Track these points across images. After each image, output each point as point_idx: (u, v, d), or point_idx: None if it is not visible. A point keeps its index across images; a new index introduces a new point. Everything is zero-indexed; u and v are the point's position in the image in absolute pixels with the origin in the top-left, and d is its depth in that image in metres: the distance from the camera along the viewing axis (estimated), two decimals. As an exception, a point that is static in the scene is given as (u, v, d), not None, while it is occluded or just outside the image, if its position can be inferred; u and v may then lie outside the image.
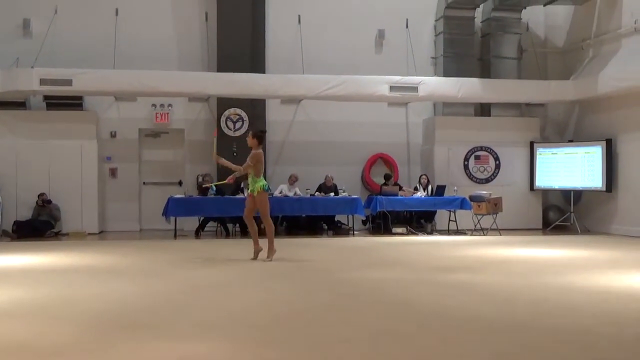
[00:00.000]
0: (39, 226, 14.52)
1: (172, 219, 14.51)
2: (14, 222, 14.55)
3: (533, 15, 17.46)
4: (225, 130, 15.81)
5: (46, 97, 15.25)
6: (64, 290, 7.56)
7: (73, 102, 15.42)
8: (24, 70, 14.44)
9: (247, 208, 10.42)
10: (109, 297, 7.12)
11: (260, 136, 10.30)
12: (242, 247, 12.50)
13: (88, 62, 15.00)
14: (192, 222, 15.08)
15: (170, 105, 16.21)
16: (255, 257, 10.21)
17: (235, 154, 15.49)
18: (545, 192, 17.00)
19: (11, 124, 15.15)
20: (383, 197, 15.10)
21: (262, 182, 10.24)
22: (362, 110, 16.60)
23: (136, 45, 15.81)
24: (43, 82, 14.26)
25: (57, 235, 14.67)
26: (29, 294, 7.23)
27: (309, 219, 15.53)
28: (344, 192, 15.38)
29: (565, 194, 16.59)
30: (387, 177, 16.04)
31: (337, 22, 16.79)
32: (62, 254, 11.09)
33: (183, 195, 14.84)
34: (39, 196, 14.70)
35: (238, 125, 15.88)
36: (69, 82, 14.34)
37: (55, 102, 15.32)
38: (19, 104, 15.36)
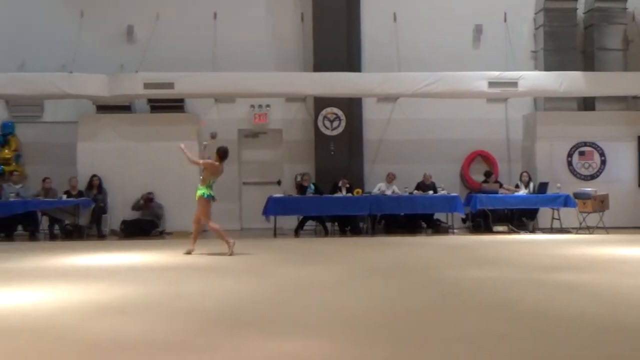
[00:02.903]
0: (144, 226, 15.05)
1: (272, 218, 14.78)
2: (122, 221, 15.16)
3: (640, 4, 16.83)
4: (323, 129, 15.97)
5: (150, 101, 15.83)
6: (171, 287, 7.83)
7: (175, 105, 15.93)
8: (129, 75, 15.01)
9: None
10: (214, 294, 7.33)
11: (221, 154, 11.34)
12: (341, 246, 12.65)
13: (188, 65, 15.43)
14: (291, 221, 15.29)
15: (268, 105, 16.48)
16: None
17: (332, 153, 15.69)
18: (655, 189, 16.36)
19: (118, 127, 15.79)
20: (483, 194, 14.92)
21: (202, 190, 11.18)
22: (460, 107, 16.37)
23: (234, 48, 16.15)
24: (147, 85, 14.77)
25: (162, 234, 15.16)
26: (138, 291, 7.53)
27: (407, 218, 15.45)
28: (442, 190, 15.26)
29: (677, 190, 15.92)
30: (487, 175, 15.82)
31: (433, 18, 16.63)
32: (168, 252, 11.48)
33: (282, 195, 15.07)
34: (143, 195, 15.24)
35: (335, 124, 15.99)
36: (171, 86, 14.81)
37: (158, 105, 15.88)
38: (125, 108, 16.00)
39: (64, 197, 14.69)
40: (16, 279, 8.39)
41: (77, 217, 14.64)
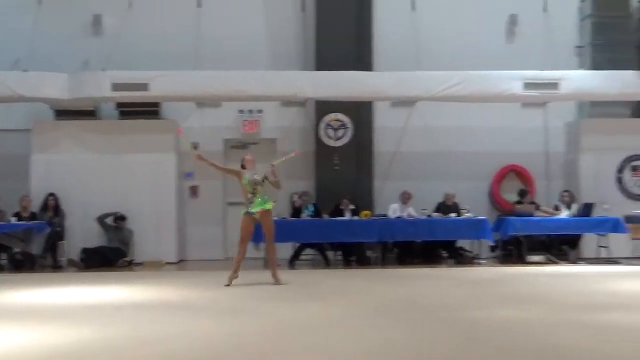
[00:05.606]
0: (110, 254, 14.95)
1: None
2: (82, 249, 15.07)
3: None
4: (325, 139, 15.96)
5: (119, 105, 15.79)
6: (139, 329, 7.74)
7: (149, 110, 15.90)
8: (94, 74, 15.01)
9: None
10: (191, 338, 7.24)
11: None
12: (345, 279, 12.57)
13: (167, 63, 15.43)
14: (286, 250, 15.20)
15: (260, 111, 16.48)
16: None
17: (336, 167, 15.60)
18: None
19: (79, 136, 15.76)
20: (516, 218, 14.88)
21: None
22: (489, 113, 16.40)
23: (221, 43, 16.19)
24: (116, 87, 14.79)
25: (131, 265, 15.09)
26: (99, 334, 7.43)
27: (425, 245, 15.38)
28: (467, 212, 15.21)
29: None
30: (521, 194, 15.78)
31: (459, 8, 16.71)
32: (137, 287, 11.41)
33: (275, 218, 14.96)
34: (114, 214, 15.17)
35: (340, 133, 15.97)
36: (144, 87, 14.82)
37: (129, 111, 15.84)
38: (88, 113, 15.96)
39: (14, 220, 14.66)
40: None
41: (29, 244, 14.60)
